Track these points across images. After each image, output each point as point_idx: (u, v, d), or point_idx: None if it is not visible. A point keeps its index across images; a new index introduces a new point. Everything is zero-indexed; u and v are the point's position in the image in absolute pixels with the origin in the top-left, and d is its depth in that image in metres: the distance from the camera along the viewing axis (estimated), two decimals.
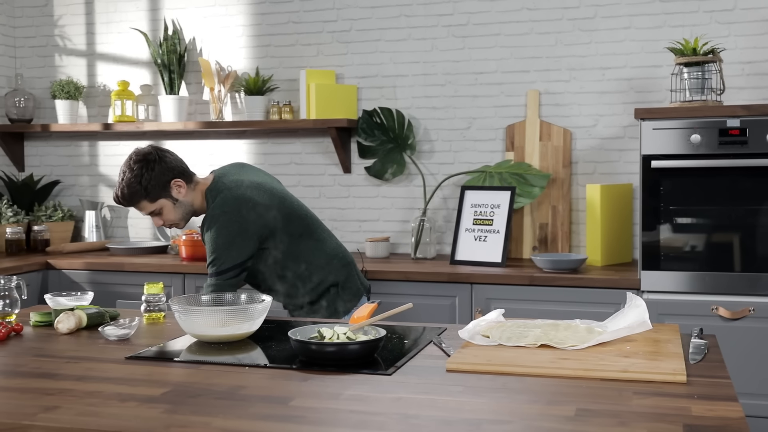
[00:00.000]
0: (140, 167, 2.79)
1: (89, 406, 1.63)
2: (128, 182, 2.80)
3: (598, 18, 3.98)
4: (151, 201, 2.82)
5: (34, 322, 2.44)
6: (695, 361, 1.94)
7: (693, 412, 1.56)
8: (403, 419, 1.54)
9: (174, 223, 2.91)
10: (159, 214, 2.85)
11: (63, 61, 4.81)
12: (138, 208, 2.85)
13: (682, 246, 3.33)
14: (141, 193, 2.80)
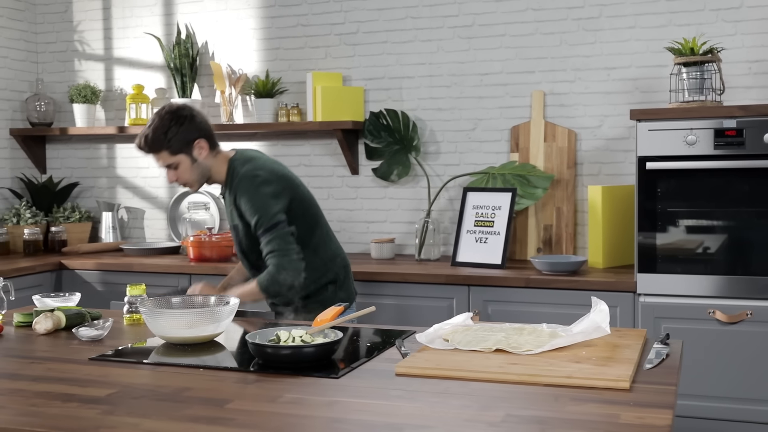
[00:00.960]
0: (170, 119, 2.82)
1: (31, 407, 1.68)
2: (154, 130, 2.81)
3: (603, 18, 3.94)
4: (171, 154, 2.82)
5: (17, 323, 2.52)
6: (649, 367, 1.92)
7: (621, 419, 1.55)
8: (328, 422, 1.57)
9: (187, 183, 2.90)
10: (175, 168, 2.85)
11: (82, 65, 4.92)
12: (157, 157, 2.85)
13: (678, 248, 3.29)
14: (164, 143, 2.81)
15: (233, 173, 2.86)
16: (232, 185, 2.87)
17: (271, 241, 2.77)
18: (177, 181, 2.88)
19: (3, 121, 4.79)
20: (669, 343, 2.16)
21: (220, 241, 4.09)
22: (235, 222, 2.90)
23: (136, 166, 4.83)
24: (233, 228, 2.96)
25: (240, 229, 2.90)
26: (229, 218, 2.97)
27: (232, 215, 2.92)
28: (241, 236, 2.92)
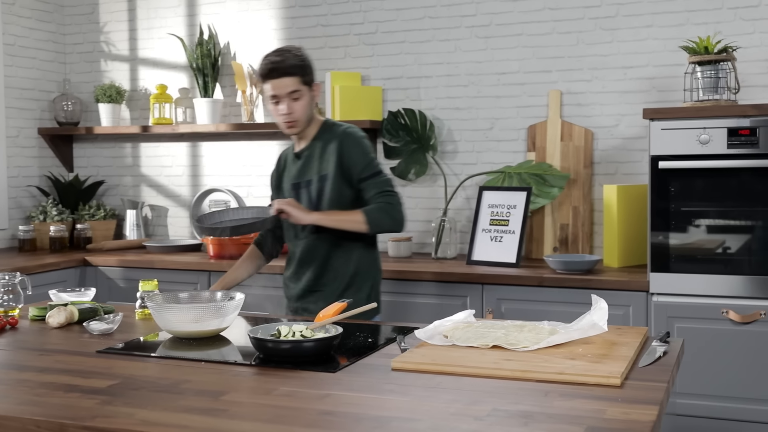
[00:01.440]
0: (302, 52, 2.85)
1: (35, 396, 1.74)
2: (295, 54, 2.80)
3: (620, 17, 3.93)
4: (302, 82, 2.79)
5: (32, 317, 2.59)
6: (644, 365, 1.93)
7: (606, 414, 1.57)
8: (317, 415, 1.60)
9: (297, 120, 2.83)
10: (295, 99, 2.79)
11: (107, 66, 5.02)
12: (284, 83, 2.77)
13: (692, 248, 3.28)
14: (300, 69, 2.79)
15: (332, 128, 2.89)
16: (327, 138, 2.87)
17: (381, 183, 2.83)
18: (289, 114, 2.80)
19: (31, 120, 4.90)
20: (669, 341, 2.16)
21: (240, 238, 4.15)
22: (324, 172, 2.84)
23: (159, 165, 4.91)
24: (306, 183, 2.89)
25: (329, 178, 2.84)
26: (298, 175, 2.91)
27: (314, 168, 2.87)
28: (328, 188, 2.84)
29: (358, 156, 2.83)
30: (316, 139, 2.91)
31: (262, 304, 3.84)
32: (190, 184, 4.84)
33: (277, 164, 3.09)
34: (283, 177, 3.03)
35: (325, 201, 2.86)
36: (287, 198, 2.93)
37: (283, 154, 3.09)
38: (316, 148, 2.90)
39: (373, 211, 2.79)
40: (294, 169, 2.96)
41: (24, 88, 4.84)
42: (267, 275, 3.93)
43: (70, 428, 1.56)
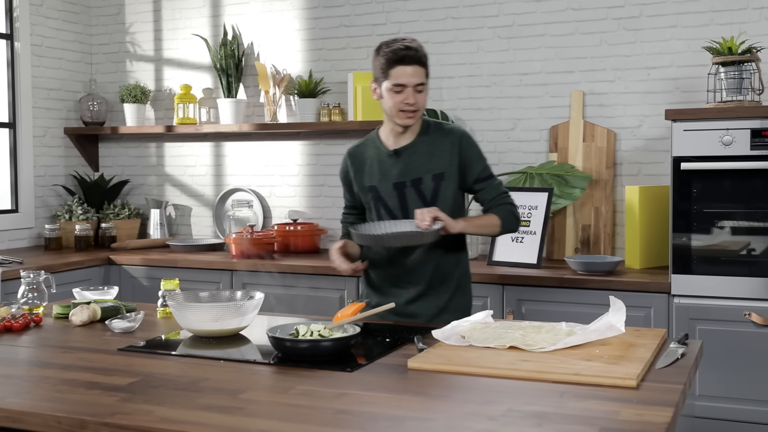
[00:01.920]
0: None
1: (57, 393, 1.77)
2: (419, 46, 2.68)
3: (644, 17, 3.91)
4: (426, 75, 2.69)
5: (55, 314, 2.63)
6: (661, 367, 1.93)
7: (620, 416, 1.57)
8: (332, 413, 1.62)
9: (418, 110, 2.67)
10: (420, 91, 2.65)
11: (133, 66, 5.07)
12: (416, 72, 2.63)
13: (714, 249, 3.26)
14: (427, 61, 2.69)
15: (437, 126, 2.76)
16: (435, 135, 2.73)
17: (499, 185, 2.78)
18: (415, 104, 2.65)
19: (58, 120, 4.96)
20: (687, 343, 2.15)
21: (262, 238, 4.18)
22: (439, 170, 2.70)
23: (183, 165, 4.95)
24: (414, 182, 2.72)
25: (447, 177, 2.71)
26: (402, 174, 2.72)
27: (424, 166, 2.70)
28: (444, 186, 2.71)
29: (477, 157, 2.74)
30: (421, 136, 2.73)
31: (273, 305, 3.86)
32: (213, 183, 4.88)
33: (353, 163, 2.83)
34: (369, 177, 2.78)
35: (440, 200, 2.72)
36: (388, 198, 2.75)
37: (356, 152, 2.84)
38: (422, 145, 2.72)
39: (505, 214, 2.75)
40: (394, 168, 2.73)
41: (51, 88, 4.90)
42: (282, 275, 3.96)
43: (91, 425, 1.59)
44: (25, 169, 4.73)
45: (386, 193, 2.76)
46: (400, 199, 2.74)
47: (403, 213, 2.74)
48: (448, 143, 2.73)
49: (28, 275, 2.64)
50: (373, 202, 2.78)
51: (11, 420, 1.65)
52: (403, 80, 2.62)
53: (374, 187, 2.78)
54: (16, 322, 2.44)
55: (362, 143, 2.87)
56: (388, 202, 2.76)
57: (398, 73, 2.63)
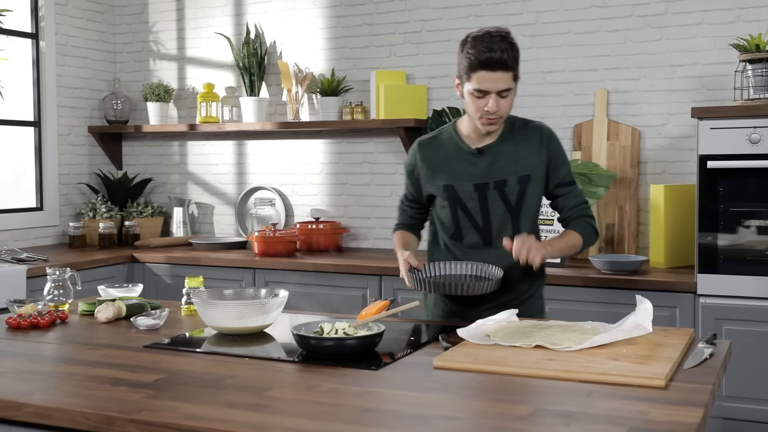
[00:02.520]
0: (515, 42, 2.45)
1: (83, 389, 1.77)
2: (511, 43, 2.42)
3: (669, 14, 3.88)
4: (513, 78, 2.44)
5: (81, 311, 2.64)
6: (689, 367, 1.91)
7: (650, 416, 1.55)
8: (358, 411, 1.61)
9: (501, 117, 2.46)
10: (504, 97, 2.42)
11: (156, 65, 5.09)
12: (498, 78, 2.38)
13: (740, 249, 3.22)
14: (515, 62, 2.43)
15: (523, 123, 2.56)
16: (522, 134, 2.54)
17: (580, 194, 2.58)
18: (497, 112, 2.42)
19: (82, 119, 4.99)
20: (715, 343, 2.13)
21: (284, 236, 4.18)
22: (525, 172, 2.51)
23: (206, 163, 4.97)
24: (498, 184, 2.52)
25: (533, 180, 2.53)
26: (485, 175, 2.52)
27: (509, 167, 2.52)
28: (530, 190, 2.53)
29: (562, 158, 2.56)
30: (506, 134, 2.54)
31: (296, 303, 3.86)
32: (235, 182, 4.89)
33: (423, 156, 2.62)
34: (442, 173, 2.58)
35: (525, 205, 2.54)
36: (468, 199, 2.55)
37: (429, 145, 2.63)
38: (508, 144, 2.53)
39: (584, 230, 2.55)
40: (475, 168, 2.54)
41: (75, 87, 4.94)
42: (302, 273, 3.97)
43: (117, 421, 1.59)
44: (49, 168, 4.77)
45: (465, 195, 2.54)
46: (481, 201, 2.54)
47: (483, 216, 2.55)
48: (535, 142, 2.53)
49: (54, 272, 2.66)
50: (449, 203, 2.57)
51: (39, 416, 1.66)
52: (485, 86, 2.39)
53: (451, 186, 2.56)
54: (43, 318, 2.45)
55: (436, 136, 2.64)
56: (467, 204, 2.55)
57: (481, 78, 2.39)
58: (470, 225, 2.57)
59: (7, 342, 2.27)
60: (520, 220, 2.56)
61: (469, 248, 2.60)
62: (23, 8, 4.72)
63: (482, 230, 2.57)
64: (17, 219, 4.57)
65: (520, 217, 2.55)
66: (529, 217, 2.55)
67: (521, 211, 2.54)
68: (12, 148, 4.76)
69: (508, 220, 2.55)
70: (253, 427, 1.51)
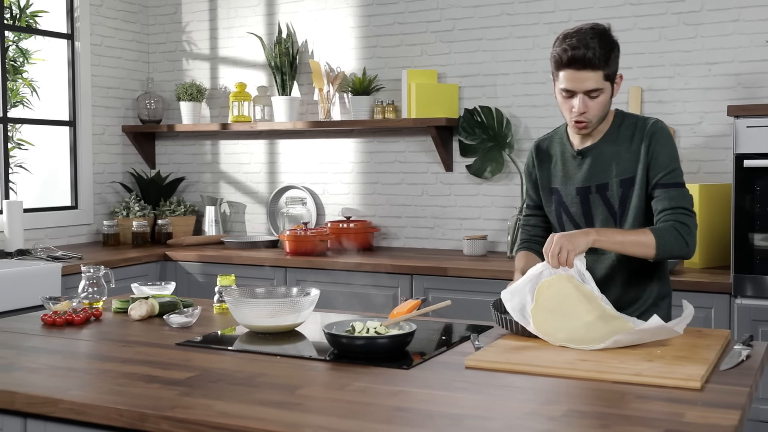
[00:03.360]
0: (612, 40, 2.31)
1: (117, 386, 1.79)
2: (603, 40, 2.26)
3: (705, 11, 3.83)
4: (604, 77, 2.28)
5: (115, 309, 2.66)
6: (725, 368, 1.88)
7: (685, 418, 1.53)
8: (389, 410, 1.61)
9: (591, 120, 2.32)
10: (594, 97, 2.28)
11: (189, 65, 5.12)
12: (583, 78, 2.26)
13: None
14: (607, 62, 2.26)
15: (631, 122, 2.40)
16: (626, 134, 2.38)
17: (679, 197, 2.32)
18: (584, 114, 2.30)
19: (116, 118, 5.04)
20: (752, 344, 2.10)
21: (315, 235, 4.19)
22: (628, 175, 2.36)
23: (238, 162, 4.99)
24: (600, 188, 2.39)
25: (636, 183, 2.36)
26: (587, 178, 2.40)
27: (611, 170, 2.38)
28: (634, 195, 2.37)
29: (665, 156, 2.34)
30: (610, 134, 2.40)
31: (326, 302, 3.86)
32: (267, 181, 4.91)
33: (538, 158, 2.54)
34: (552, 177, 2.49)
35: (630, 210, 2.38)
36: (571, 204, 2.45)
37: (542, 145, 2.55)
38: (611, 145, 2.39)
39: (665, 232, 2.26)
40: (578, 170, 2.43)
41: (109, 87, 4.98)
42: (333, 272, 3.97)
43: (151, 418, 1.60)
44: (84, 167, 4.82)
45: (569, 199, 2.45)
46: (584, 206, 2.42)
47: (587, 222, 2.42)
48: (638, 141, 2.36)
49: (88, 270, 2.69)
50: (555, 207, 2.48)
51: (75, 412, 1.68)
52: (570, 86, 2.28)
53: (557, 189, 2.47)
54: (77, 315, 2.48)
55: (550, 136, 2.56)
56: (570, 209, 2.45)
57: (566, 76, 2.28)
58: (574, 230, 2.38)
59: (43, 339, 2.30)
60: (624, 227, 2.38)
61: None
62: (59, 9, 4.77)
63: None
64: (53, 217, 4.63)
65: (624, 222, 2.38)
66: (634, 224, 2.37)
67: (624, 216, 2.38)
68: (48, 147, 4.82)
69: (612, 226, 2.39)
70: (285, 426, 1.52)
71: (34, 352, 2.13)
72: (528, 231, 2.64)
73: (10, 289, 3.54)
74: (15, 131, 4.66)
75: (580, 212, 2.43)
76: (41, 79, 4.82)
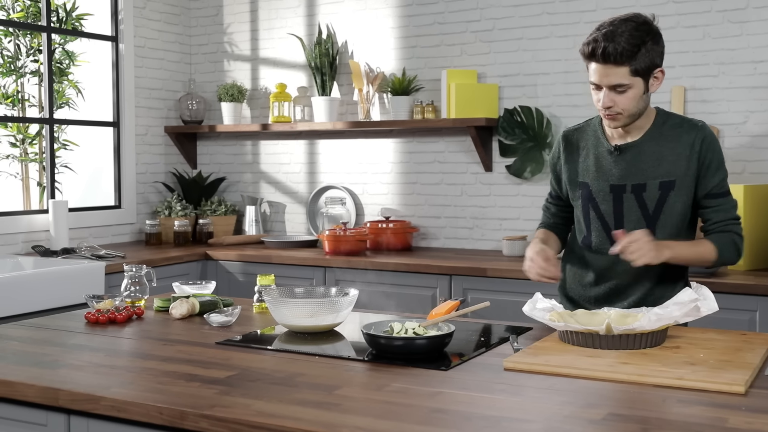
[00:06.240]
0: (647, 31, 2.24)
1: (158, 384, 1.81)
2: (629, 37, 2.20)
3: (750, 9, 3.77)
4: (632, 73, 2.21)
5: (156, 307, 2.70)
6: None
7: (728, 423, 1.51)
8: (428, 412, 1.60)
9: (620, 114, 2.26)
10: (622, 93, 2.23)
11: (230, 66, 5.17)
12: (607, 73, 2.22)
13: None
14: (633, 57, 2.19)
15: (675, 122, 2.34)
16: (670, 134, 2.32)
17: (732, 208, 2.33)
18: (612, 108, 2.26)
19: (159, 119, 5.10)
20: None
21: (354, 235, 4.20)
22: (669, 178, 2.30)
23: (278, 162, 5.02)
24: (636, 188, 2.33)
25: (678, 187, 2.30)
26: (623, 176, 2.34)
27: (650, 170, 2.32)
28: (673, 199, 2.32)
29: (717, 165, 2.30)
30: (652, 133, 2.33)
31: (365, 303, 3.87)
32: (307, 181, 4.94)
33: (565, 148, 2.50)
34: (581, 170, 2.43)
35: (666, 214, 2.33)
36: (602, 201, 2.39)
37: (571, 137, 2.51)
38: (653, 145, 2.32)
39: (725, 244, 2.29)
40: (614, 167, 2.36)
41: (152, 88, 5.05)
42: (372, 272, 3.98)
43: (191, 416, 1.62)
44: (127, 167, 4.89)
45: (600, 195, 2.38)
46: (615, 204, 2.36)
47: (616, 222, 2.37)
48: (686, 144, 2.29)
49: (131, 269, 2.72)
50: (582, 202, 2.43)
51: (116, 409, 1.70)
52: (595, 79, 2.25)
53: (586, 184, 2.41)
54: (120, 314, 2.51)
55: (581, 128, 2.50)
56: (600, 206, 2.39)
57: (591, 69, 2.26)
58: (601, 228, 2.40)
59: (86, 336, 2.33)
60: (656, 231, 2.32)
61: (596, 253, 2.43)
62: (104, 12, 4.84)
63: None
64: (97, 217, 4.70)
65: (657, 226, 2.33)
66: (668, 228, 2.32)
67: (658, 220, 2.33)
68: (92, 147, 4.89)
69: (644, 227, 2.31)
70: (323, 426, 1.52)
71: (77, 350, 2.16)
72: (548, 217, 2.64)
73: (56, 287, 3.60)
74: (61, 132, 4.74)
75: (611, 211, 2.37)
76: (86, 80, 4.90)
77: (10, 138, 4.62)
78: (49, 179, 4.48)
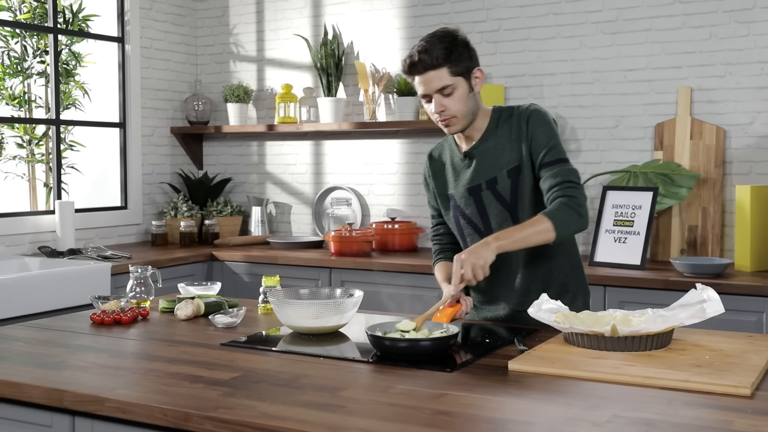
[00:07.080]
0: (453, 37, 2.35)
1: (163, 386, 1.81)
2: (442, 38, 2.33)
3: (757, 9, 3.75)
4: (451, 74, 2.32)
5: (161, 308, 2.70)
6: None
7: (734, 426, 1.50)
8: (432, 414, 1.60)
9: (455, 116, 2.37)
10: (448, 95, 2.33)
11: (236, 66, 5.17)
12: (429, 78, 2.32)
13: None
14: (447, 59, 2.30)
15: (508, 112, 2.45)
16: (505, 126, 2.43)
17: (565, 172, 2.34)
18: (444, 112, 2.36)
19: (165, 120, 5.11)
20: None
21: (360, 236, 4.20)
22: (514, 164, 2.40)
23: (284, 163, 5.03)
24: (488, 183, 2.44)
25: (523, 170, 2.40)
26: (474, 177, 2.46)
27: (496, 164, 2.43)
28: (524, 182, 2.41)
29: (544, 135, 2.38)
30: (490, 131, 2.44)
31: (371, 304, 3.87)
32: (312, 181, 4.94)
33: (431, 167, 2.62)
34: (446, 183, 2.56)
35: (522, 199, 2.42)
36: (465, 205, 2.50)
37: (434, 153, 2.63)
38: (493, 140, 2.43)
39: (558, 212, 2.29)
40: (466, 172, 2.48)
41: (158, 89, 5.05)
42: (377, 272, 3.97)
43: (195, 418, 1.62)
44: (134, 168, 4.89)
45: (463, 201, 2.50)
46: (477, 204, 2.47)
47: (483, 220, 2.47)
48: (516, 129, 2.41)
49: (136, 270, 2.72)
50: (453, 212, 2.54)
51: (121, 411, 1.70)
52: (421, 90, 2.36)
53: (452, 195, 2.53)
54: (125, 315, 2.52)
55: (441, 144, 2.62)
56: (465, 211, 2.50)
57: (417, 83, 2.37)
58: (473, 231, 2.51)
59: (91, 337, 2.34)
60: (519, 217, 2.42)
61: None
62: (110, 13, 4.85)
63: (484, 234, 2.44)
64: (103, 217, 4.71)
65: (518, 213, 2.43)
66: (527, 211, 2.40)
67: (518, 207, 2.42)
68: (98, 148, 4.90)
69: (508, 218, 2.44)
70: (328, 428, 1.52)
71: (82, 351, 2.17)
72: (439, 241, 2.68)
73: (62, 287, 3.61)
74: (67, 133, 4.75)
75: (476, 212, 2.48)
76: (92, 81, 4.91)
77: (16, 139, 4.63)
78: (55, 180, 4.49)
